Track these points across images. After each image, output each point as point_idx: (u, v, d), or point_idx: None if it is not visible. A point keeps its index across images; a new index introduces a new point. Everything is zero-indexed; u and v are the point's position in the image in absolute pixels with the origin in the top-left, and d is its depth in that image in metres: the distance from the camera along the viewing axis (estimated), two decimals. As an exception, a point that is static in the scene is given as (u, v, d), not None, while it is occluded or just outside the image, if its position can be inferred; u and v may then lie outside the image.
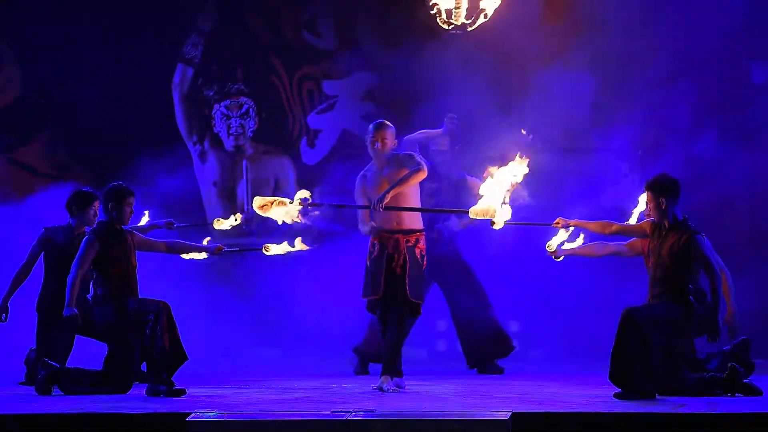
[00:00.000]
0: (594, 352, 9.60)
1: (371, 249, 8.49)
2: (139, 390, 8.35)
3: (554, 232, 8.35)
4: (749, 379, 7.95)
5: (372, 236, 8.49)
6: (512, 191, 7.84)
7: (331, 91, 12.28)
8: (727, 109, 11.27)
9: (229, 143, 12.34)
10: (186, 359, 8.27)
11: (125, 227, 8.60)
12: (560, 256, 8.44)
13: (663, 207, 7.94)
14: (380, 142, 8.49)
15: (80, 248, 8.44)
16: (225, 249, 9.12)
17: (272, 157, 12.37)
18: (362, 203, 8.50)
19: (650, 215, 8.08)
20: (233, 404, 7.55)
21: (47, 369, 8.36)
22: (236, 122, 12.32)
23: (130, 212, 8.57)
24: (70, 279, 8.36)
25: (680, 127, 11.10)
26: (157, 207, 10.36)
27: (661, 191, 7.94)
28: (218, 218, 9.93)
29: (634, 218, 8.62)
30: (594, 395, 7.94)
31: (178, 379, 8.24)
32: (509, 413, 6.72)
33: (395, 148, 8.58)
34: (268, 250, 9.24)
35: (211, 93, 12.38)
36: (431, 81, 11.25)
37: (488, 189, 7.88)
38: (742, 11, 11.39)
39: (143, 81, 12.13)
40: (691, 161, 10.56)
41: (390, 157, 8.50)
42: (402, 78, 11.73)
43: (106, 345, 8.53)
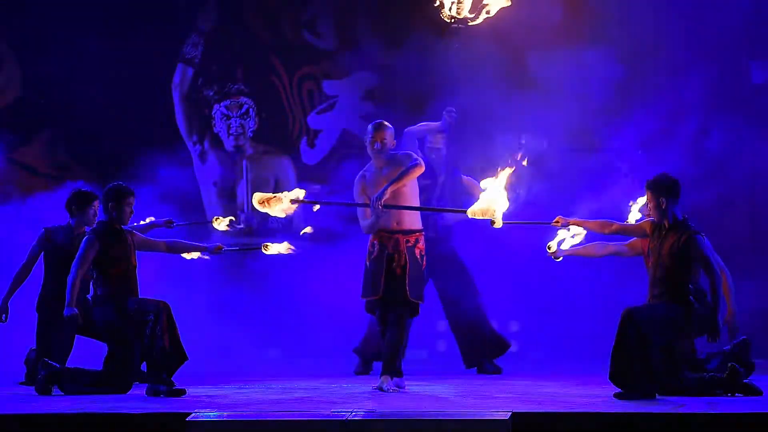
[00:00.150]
0: (594, 352, 9.61)
1: (371, 249, 8.48)
2: (139, 390, 8.35)
3: (554, 232, 8.35)
4: (749, 379, 7.95)
5: (371, 236, 8.49)
6: (510, 184, 7.86)
7: (331, 91, 12.27)
8: (727, 109, 11.25)
9: (229, 143, 12.33)
10: (186, 359, 8.28)
11: (125, 227, 8.60)
12: (560, 257, 8.45)
13: (663, 207, 7.94)
14: (380, 143, 8.48)
15: (80, 248, 8.44)
16: (225, 248, 9.13)
17: (272, 157, 12.36)
18: (363, 202, 8.49)
19: (650, 215, 8.08)
20: (233, 404, 7.55)
21: (47, 369, 8.36)
22: (236, 122, 12.31)
23: (130, 212, 8.58)
24: (70, 279, 8.36)
25: (681, 127, 11.09)
26: (157, 207, 10.35)
27: (661, 191, 7.94)
28: (217, 217, 9.93)
29: (633, 215, 8.63)
30: (594, 395, 7.93)
31: (178, 379, 8.25)
32: (509, 413, 6.72)
33: (395, 147, 8.59)
34: (268, 249, 9.24)
35: (211, 93, 12.37)
36: (431, 81, 11.24)
37: (488, 188, 7.90)
38: (743, 10, 11.37)
39: (143, 81, 12.11)
40: (692, 162, 10.55)
41: (389, 157, 8.50)
42: (402, 78, 11.73)
43: (106, 345, 8.54)
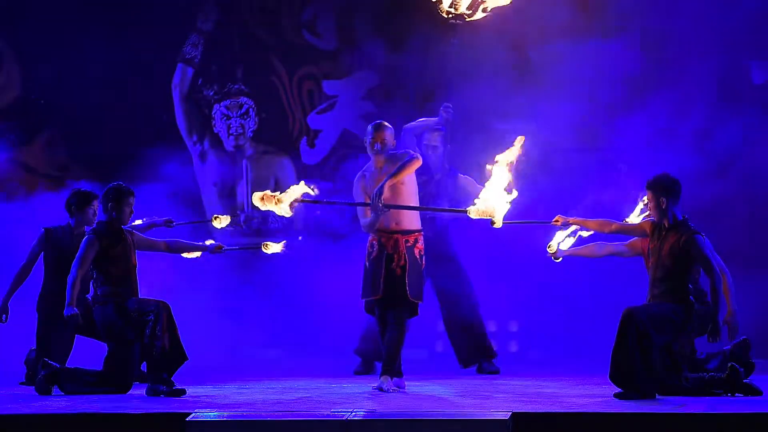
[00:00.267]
0: (594, 352, 9.60)
1: (370, 250, 8.48)
2: (139, 390, 8.35)
3: (554, 231, 8.35)
4: (749, 379, 7.96)
5: (370, 236, 8.48)
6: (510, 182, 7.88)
7: (331, 91, 12.26)
8: (729, 109, 11.25)
9: (229, 143, 12.32)
10: (186, 359, 8.28)
11: (125, 227, 8.60)
12: (560, 258, 8.44)
13: (663, 207, 7.94)
14: (380, 144, 8.48)
15: (80, 248, 8.44)
16: (225, 248, 9.13)
17: (272, 157, 12.34)
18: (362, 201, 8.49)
19: (650, 214, 8.08)
20: (233, 404, 7.55)
21: (47, 369, 8.36)
22: (236, 122, 12.30)
23: (130, 212, 8.58)
24: (71, 279, 8.37)
25: (681, 127, 11.08)
26: (157, 207, 10.35)
27: (662, 191, 7.94)
28: (216, 216, 9.92)
29: (634, 214, 8.64)
30: (594, 395, 7.94)
31: (178, 379, 8.25)
32: (509, 413, 6.73)
33: (395, 146, 8.59)
34: (268, 249, 9.24)
35: (211, 93, 12.36)
36: (432, 80, 11.23)
37: (488, 188, 7.91)
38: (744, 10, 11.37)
39: (143, 81, 12.11)
40: (691, 161, 10.55)
41: (389, 156, 8.50)
42: (402, 77, 11.72)
43: (106, 345, 8.54)
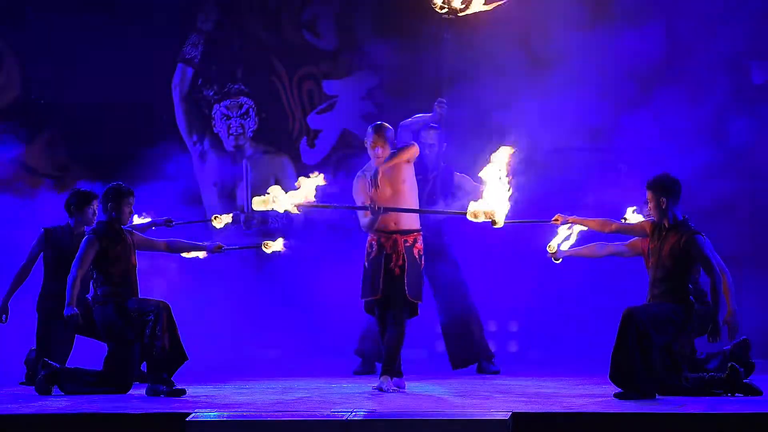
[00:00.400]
0: (594, 352, 9.60)
1: (369, 250, 8.48)
2: (139, 390, 8.35)
3: (554, 231, 8.35)
4: (749, 379, 7.96)
5: (369, 236, 8.49)
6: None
7: (331, 91, 12.26)
8: (729, 109, 11.24)
9: (229, 143, 12.32)
10: (186, 359, 8.28)
11: (124, 227, 8.60)
12: (560, 258, 8.44)
13: (663, 207, 7.94)
14: (380, 147, 8.48)
15: (80, 248, 8.45)
16: (225, 247, 9.12)
17: (272, 157, 12.34)
18: (362, 201, 8.49)
19: (650, 214, 8.08)
20: (233, 404, 7.55)
21: (47, 369, 8.36)
22: (236, 122, 12.30)
23: (130, 212, 8.58)
24: (71, 279, 8.37)
25: (681, 127, 11.09)
26: (157, 207, 10.34)
27: (662, 191, 7.94)
28: (216, 215, 9.92)
29: (631, 214, 8.64)
30: (594, 395, 7.94)
31: (178, 379, 8.25)
32: (509, 413, 6.73)
33: (395, 146, 8.60)
34: (268, 248, 9.24)
35: (211, 93, 12.36)
36: (432, 80, 11.22)
37: (488, 188, 7.91)
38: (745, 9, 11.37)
39: (143, 81, 12.10)
40: (692, 162, 10.55)
41: (388, 156, 8.50)
42: (402, 77, 11.72)
43: (106, 345, 8.54)
